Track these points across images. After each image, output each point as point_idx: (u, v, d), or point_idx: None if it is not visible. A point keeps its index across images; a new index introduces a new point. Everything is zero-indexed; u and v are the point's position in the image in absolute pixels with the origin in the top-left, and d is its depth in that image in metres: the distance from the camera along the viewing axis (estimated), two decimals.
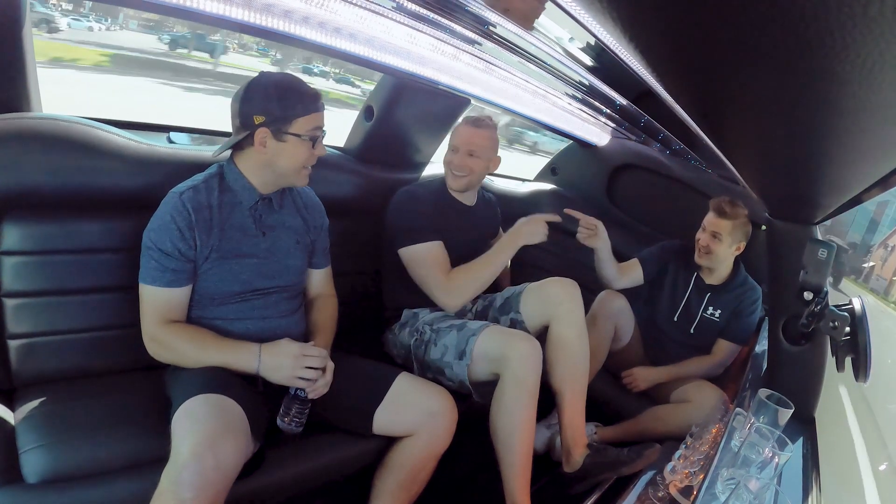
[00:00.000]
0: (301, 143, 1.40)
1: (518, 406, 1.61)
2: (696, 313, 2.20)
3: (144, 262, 1.35)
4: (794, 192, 1.05)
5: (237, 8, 1.29)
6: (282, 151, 1.39)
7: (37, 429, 1.26)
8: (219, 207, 1.40)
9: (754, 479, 0.97)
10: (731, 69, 0.44)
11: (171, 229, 1.33)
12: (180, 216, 1.34)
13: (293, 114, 1.37)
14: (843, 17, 0.30)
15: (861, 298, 1.21)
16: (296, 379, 1.35)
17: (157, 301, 1.35)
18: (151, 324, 1.36)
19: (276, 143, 1.38)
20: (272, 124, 1.37)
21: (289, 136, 1.38)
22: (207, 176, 1.43)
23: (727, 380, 2.12)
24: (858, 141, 0.55)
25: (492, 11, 1.22)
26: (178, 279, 1.36)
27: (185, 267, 1.36)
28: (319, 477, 1.48)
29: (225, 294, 1.42)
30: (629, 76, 1.13)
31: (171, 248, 1.33)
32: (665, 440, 1.68)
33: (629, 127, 2.54)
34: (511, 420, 1.60)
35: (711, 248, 2.11)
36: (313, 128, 1.41)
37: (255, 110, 1.36)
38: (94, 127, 1.46)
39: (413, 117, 2.14)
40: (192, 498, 1.03)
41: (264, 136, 1.37)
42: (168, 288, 1.35)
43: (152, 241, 1.34)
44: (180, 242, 1.34)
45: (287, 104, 1.37)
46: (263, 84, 1.38)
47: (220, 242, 1.39)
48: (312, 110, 1.40)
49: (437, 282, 1.81)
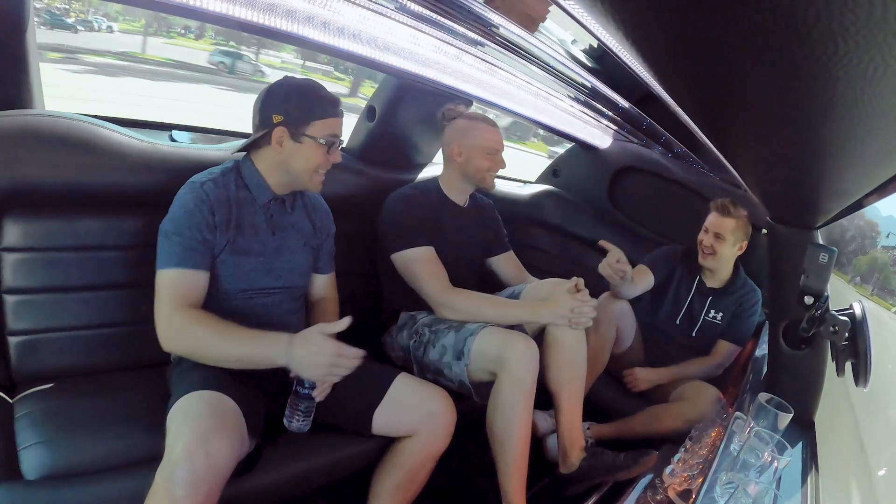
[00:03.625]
0: (317, 147, 1.41)
1: (514, 406, 1.61)
2: (699, 316, 2.20)
3: (166, 247, 1.32)
4: (795, 196, 1.05)
5: (240, 7, 1.29)
6: (297, 152, 1.41)
7: (36, 425, 1.26)
8: (236, 203, 1.41)
9: (753, 483, 0.97)
10: (733, 73, 0.44)
11: (195, 216, 1.33)
12: (204, 205, 1.34)
13: (311, 116, 1.39)
14: (846, 21, 0.30)
15: (861, 303, 1.21)
16: (330, 377, 1.31)
17: (179, 285, 1.31)
18: (169, 308, 1.30)
19: (293, 143, 1.40)
20: (290, 124, 1.39)
21: (305, 137, 1.40)
22: (224, 170, 1.43)
23: (727, 383, 2.12)
24: (861, 145, 0.55)
25: (495, 13, 1.22)
26: (204, 261, 1.35)
27: (208, 251, 1.36)
28: (318, 477, 1.48)
29: (230, 290, 1.42)
30: (631, 79, 1.13)
31: (195, 231, 1.33)
32: (659, 439, 1.68)
33: (631, 130, 2.55)
34: (507, 420, 1.61)
35: (715, 249, 2.12)
36: (330, 133, 1.42)
37: (274, 109, 1.39)
38: (96, 125, 1.46)
39: (415, 118, 2.14)
40: (184, 495, 1.03)
41: (281, 136, 1.39)
42: (194, 270, 1.33)
43: (175, 227, 1.32)
44: (204, 227, 1.34)
45: (306, 106, 1.39)
46: (285, 86, 1.41)
47: (233, 238, 1.39)
48: (331, 115, 1.42)
49: (434, 288, 1.80)
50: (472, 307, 1.79)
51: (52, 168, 1.39)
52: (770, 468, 0.99)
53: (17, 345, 1.41)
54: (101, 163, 1.45)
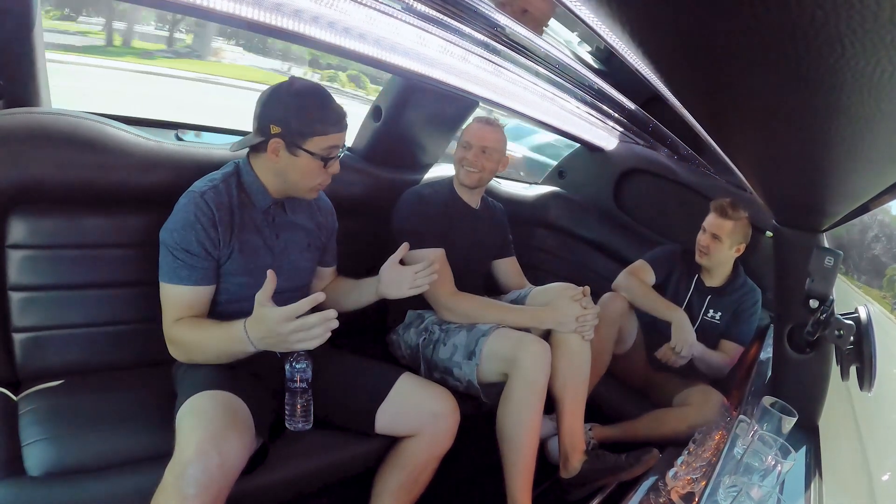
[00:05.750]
0: (313, 162, 1.38)
1: (526, 407, 1.61)
2: (697, 316, 2.19)
3: (167, 261, 1.33)
4: (801, 199, 1.05)
5: (248, 7, 1.29)
6: (293, 165, 1.38)
7: (40, 422, 1.27)
8: (238, 207, 1.40)
9: (756, 486, 0.96)
10: (739, 75, 0.44)
11: (196, 228, 1.32)
12: (204, 215, 1.33)
13: (310, 131, 1.35)
14: (854, 23, 0.30)
15: (867, 307, 1.21)
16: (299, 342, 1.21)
17: (182, 300, 1.34)
18: (170, 320, 1.34)
19: (289, 155, 1.37)
20: (287, 137, 1.35)
21: (302, 151, 1.36)
22: (225, 175, 1.42)
23: (731, 387, 2.11)
24: (867, 149, 0.54)
25: (501, 14, 1.22)
26: (206, 277, 1.35)
27: (212, 265, 1.36)
28: (322, 476, 1.49)
29: (239, 294, 1.42)
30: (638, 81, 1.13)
31: (196, 247, 1.32)
32: (662, 443, 1.67)
33: (637, 131, 2.54)
34: (518, 420, 1.61)
35: (710, 249, 2.12)
36: (329, 147, 1.38)
37: (273, 119, 1.35)
38: (103, 123, 1.47)
39: (421, 118, 2.14)
40: (195, 494, 1.03)
41: (277, 146, 1.35)
42: (196, 286, 1.34)
43: (176, 242, 1.32)
44: (206, 241, 1.33)
45: (306, 120, 1.34)
46: (287, 92, 1.36)
47: (239, 242, 1.39)
48: (332, 131, 1.37)
49: (439, 291, 1.81)
50: (475, 311, 1.79)
51: (58, 166, 1.39)
52: (773, 472, 0.99)
53: (22, 342, 1.41)
54: (107, 161, 1.45)
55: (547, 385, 1.64)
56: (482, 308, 1.81)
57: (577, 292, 1.77)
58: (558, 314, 1.75)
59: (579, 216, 2.93)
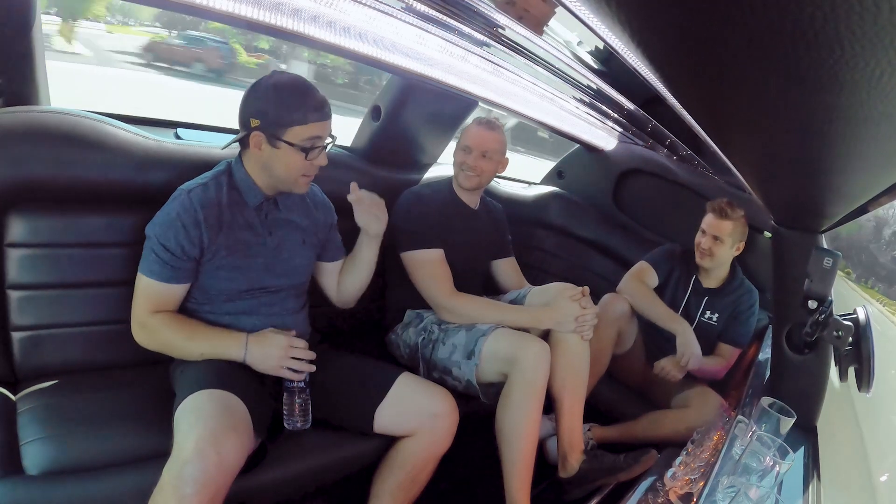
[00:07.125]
0: (294, 153, 1.37)
1: (525, 407, 1.61)
2: (694, 317, 2.19)
3: (147, 254, 1.35)
4: (800, 200, 1.05)
5: (247, 6, 1.29)
6: (276, 158, 1.38)
7: (39, 421, 1.27)
8: (228, 206, 1.40)
9: (755, 487, 0.96)
10: (739, 76, 0.44)
11: (176, 227, 1.33)
12: (187, 214, 1.33)
13: (289, 121, 1.34)
14: (853, 25, 0.30)
15: (866, 308, 1.21)
16: (283, 370, 1.36)
17: (153, 293, 1.36)
18: (142, 311, 1.36)
19: (271, 148, 1.36)
20: (266, 129, 1.35)
21: (282, 143, 1.35)
22: (217, 173, 1.43)
23: (730, 387, 2.12)
24: (866, 150, 0.55)
25: (501, 14, 1.22)
26: (177, 276, 1.36)
27: (187, 265, 1.36)
28: (320, 475, 1.49)
29: (233, 291, 1.42)
30: (637, 81, 1.13)
31: (174, 245, 1.33)
32: (662, 445, 1.68)
33: (636, 132, 2.54)
34: (517, 420, 1.61)
35: (714, 252, 2.12)
36: (310, 137, 1.37)
37: (252, 112, 1.35)
38: (102, 122, 1.47)
39: (420, 118, 2.14)
40: (193, 493, 1.03)
41: (259, 140, 1.36)
42: (167, 284, 1.36)
43: (156, 236, 1.34)
44: (185, 241, 1.33)
45: (283, 110, 1.34)
46: (266, 85, 1.36)
47: (228, 240, 1.39)
48: (312, 120, 1.36)
49: (437, 291, 1.82)
50: (474, 311, 1.80)
51: (57, 164, 1.39)
52: (772, 473, 0.99)
53: (20, 340, 1.41)
54: (106, 159, 1.45)
55: (546, 385, 1.64)
56: (481, 308, 1.81)
57: (576, 292, 1.77)
58: (557, 314, 1.75)
59: (578, 216, 2.93)
